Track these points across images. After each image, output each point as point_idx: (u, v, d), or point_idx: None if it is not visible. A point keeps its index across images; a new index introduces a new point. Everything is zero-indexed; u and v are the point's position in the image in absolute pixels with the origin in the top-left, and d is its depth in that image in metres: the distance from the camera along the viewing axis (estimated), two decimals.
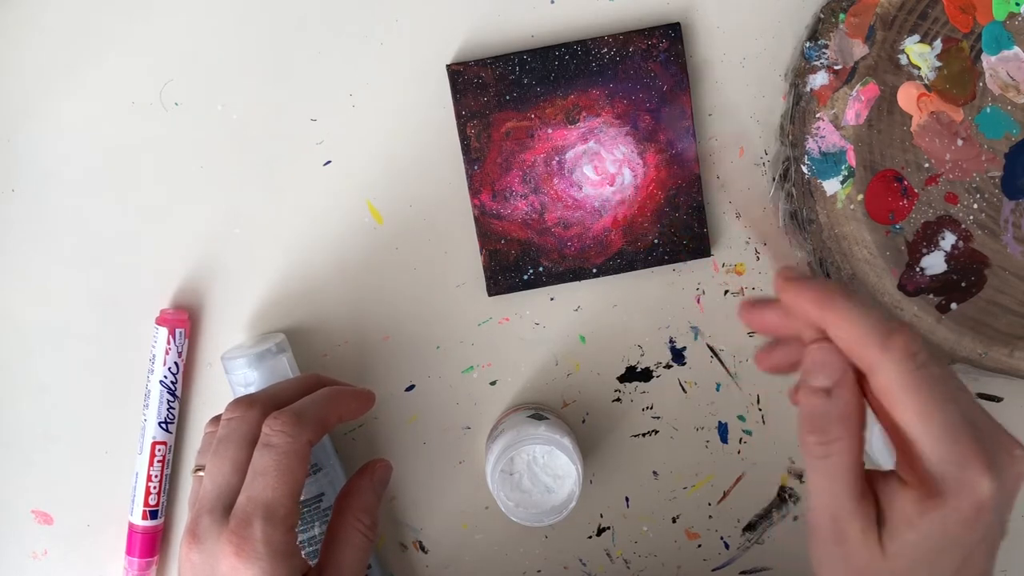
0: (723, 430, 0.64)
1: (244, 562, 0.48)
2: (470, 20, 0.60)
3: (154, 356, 0.61)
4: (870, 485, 0.43)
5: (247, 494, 0.49)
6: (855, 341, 0.42)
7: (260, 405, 0.52)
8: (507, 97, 0.59)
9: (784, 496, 0.65)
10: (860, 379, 0.43)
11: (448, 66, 0.59)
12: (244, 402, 0.52)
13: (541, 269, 0.61)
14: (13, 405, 0.63)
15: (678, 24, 0.59)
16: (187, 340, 0.61)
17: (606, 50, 0.59)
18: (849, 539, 0.42)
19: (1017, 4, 0.58)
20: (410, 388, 0.63)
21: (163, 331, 0.60)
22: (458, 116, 0.59)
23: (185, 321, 0.61)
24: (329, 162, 0.61)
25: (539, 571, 0.65)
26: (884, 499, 0.42)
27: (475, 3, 0.60)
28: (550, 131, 0.59)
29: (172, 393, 0.61)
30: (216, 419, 0.55)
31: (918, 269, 0.60)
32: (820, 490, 0.42)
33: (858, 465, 0.42)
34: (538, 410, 0.62)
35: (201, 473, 0.53)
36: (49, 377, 0.62)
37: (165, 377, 0.61)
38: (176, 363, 0.61)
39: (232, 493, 0.50)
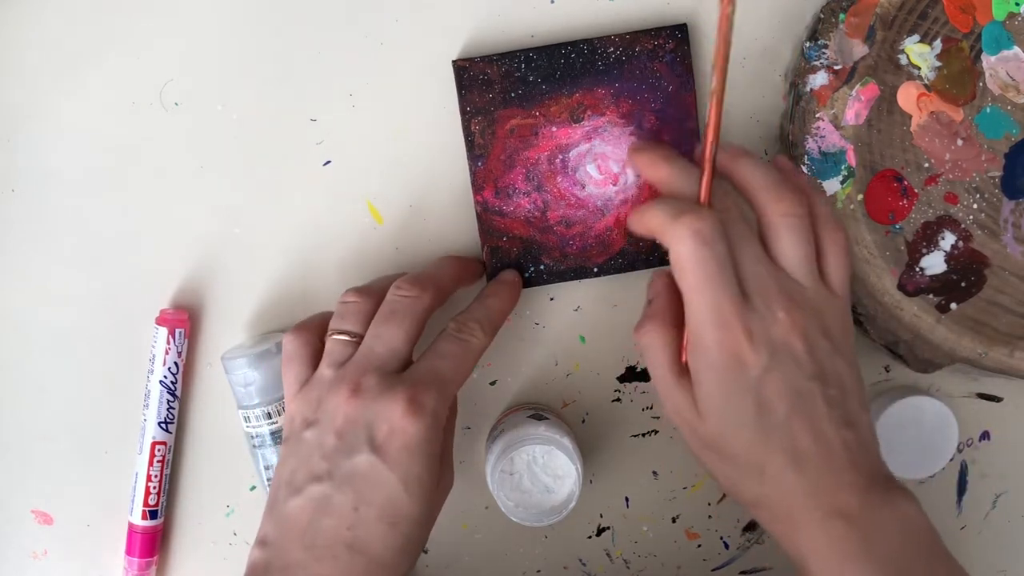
0: None
1: (413, 415, 0.51)
2: (470, 20, 0.60)
3: (154, 356, 0.61)
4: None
5: (430, 365, 0.54)
6: (656, 222, 0.51)
7: (431, 289, 0.56)
8: (512, 94, 0.59)
9: None
10: None
11: (454, 62, 0.59)
12: (417, 284, 0.56)
13: (543, 267, 0.61)
14: (13, 405, 0.63)
15: (685, 25, 0.59)
16: (187, 340, 0.61)
17: (612, 49, 0.59)
18: (677, 406, 0.52)
19: (1017, 4, 0.58)
20: None
21: (163, 331, 0.60)
22: (463, 112, 0.59)
23: (185, 321, 0.61)
24: (329, 162, 0.61)
25: (539, 571, 0.65)
26: (692, 375, 0.51)
27: (475, 3, 0.60)
28: (554, 129, 0.60)
29: (172, 393, 0.61)
30: (358, 290, 0.56)
31: (918, 269, 0.60)
32: (650, 369, 0.53)
33: (671, 352, 0.52)
34: (538, 410, 0.62)
35: (341, 337, 0.55)
36: (49, 377, 0.62)
37: (165, 377, 0.61)
38: (176, 363, 0.61)
39: (400, 360, 0.54)
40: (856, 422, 0.51)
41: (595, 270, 0.61)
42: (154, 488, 0.61)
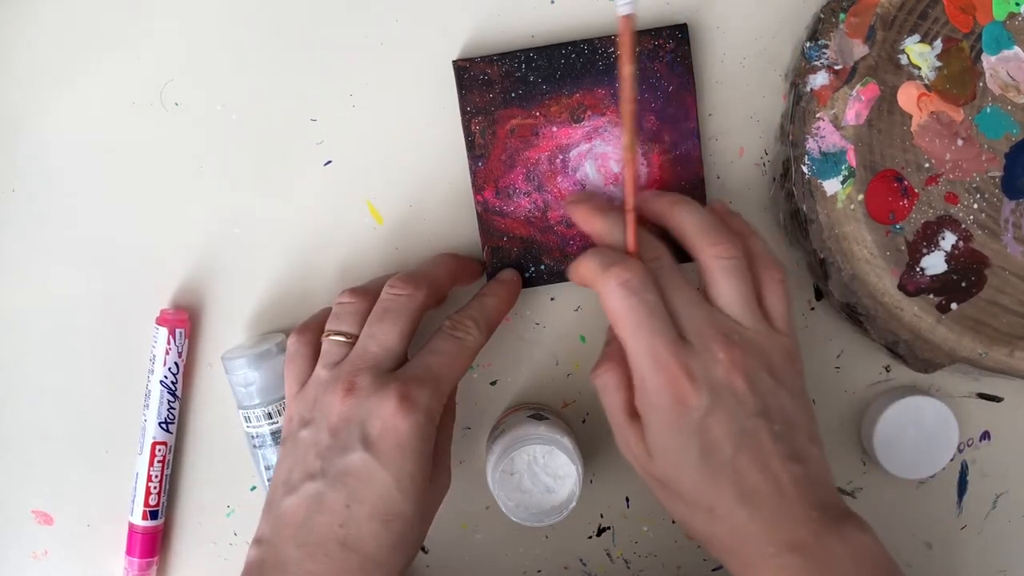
0: None
1: (405, 412, 0.52)
2: (470, 20, 0.60)
3: (154, 356, 0.61)
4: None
5: (424, 363, 0.54)
6: (589, 274, 0.53)
7: (425, 287, 0.56)
8: (512, 94, 0.59)
9: None
10: None
11: (454, 62, 0.59)
12: (411, 282, 0.56)
13: (543, 267, 0.61)
14: (13, 405, 0.63)
15: (685, 25, 0.59)
16: (187, 340, 0.61)
17: (612, 49, 0.59)
18: (630, 446, 0.53)
19: (1017, 4, 0.58)
20: None
21: (163, 331, 0.60)
22: (463, 112, 0.59)
23: (185, 321, 0.61)
24: (329, 162, 0.61)
25: (539, 571, 0.65)
26: (641, 417, 0.52)
27: (475, 3, 0.60)
28: (555, 129, 0.60)
29: (172, 393, 0.61)
30: (354, 291, 0.57)
31: (918, 269, 0.60)
32: (606, 407, 0.54)
33: (624, 392, 0.52)
34: (538, 410, 0.61)
35: (337, 337, 0.55)
36: (49, 377, 0.62)
37: (165, 377, 0.61)
38: (176, 363, 0.61)
39: (394, 359, 0.54)
40: (805, 456, 0.51)
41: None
42: (154, 488, 0.61)
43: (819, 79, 0.59)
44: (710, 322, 0.51)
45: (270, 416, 0.60)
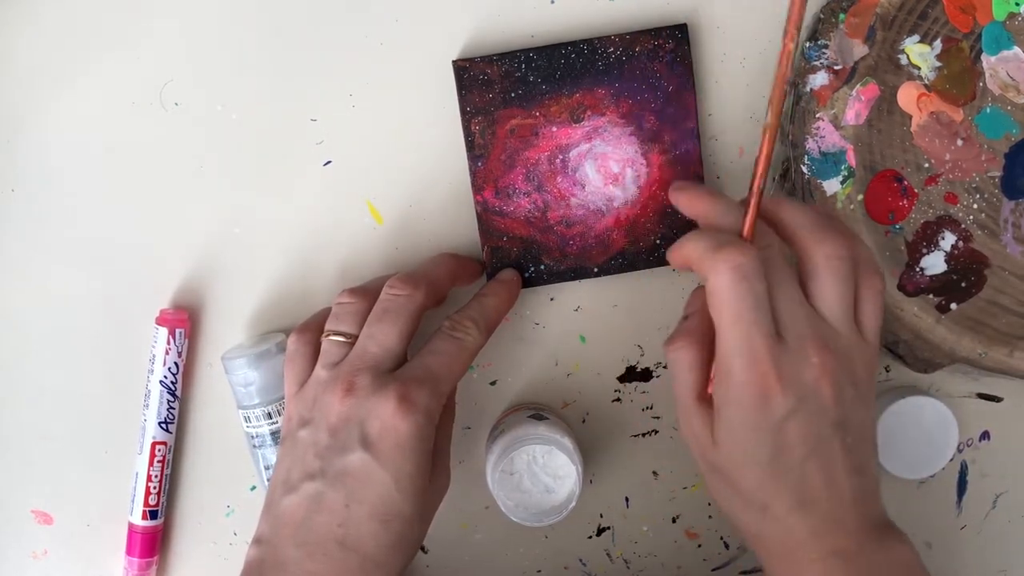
0: None
1: (404, 413, 0.52)
2: (469, 20, 0.60)
3: (154, 356, 0.61)
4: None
5: (423, 363, 0.54)
6: (696, 253, 0.50)
7: (424, 287, 0.56)
8: (512, 94, 0.59)
9: None
10: None
11: (454, 62, 0.59)
12: (410, 282, 0.56)
13: (543, 267, 0.61)
14: (13, 405, 0.63)
15: (685, 25, 0.59)
16: (187, 340, 0.61)
17: (612, 49, 0.59)
18: (694, 430, 0.52)
19: (1017, 4, 0.58)
20: None
21: (163, 331, 0.60)
22: (463, 112, 0.59)
23: (185, 321, 0.61)
24: (329, 162, 0.61)
25: (539, 571, 0.65)
26: (715, 404, 0.51)
27: (475, 3, 0.60)
28: (554, 129, 0.60)
29: (172, 393, 0.61)
30: (353, 291, 0.57)
31: (918, 269, 0.60)
32: (674, 385, 0.53)
33: (698, 373, 0.52)
34: (538, 410, 0.62)
35: (337, 338, 0.55)
36: (49, 377, 0.62)
37: (165, 377, 0.61)
38: (176, 363, 0.61)
39: (393, 359, 0.54)
40: (867, 469, 0.51)
41: (595, 270, 0.61)
42: (154, 488, 0.61)
43: (819, 79, 0.59)
44: (809, 323, 0.50)
45: (270, 416, 0.60)
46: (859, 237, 0.54)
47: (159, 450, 0.61)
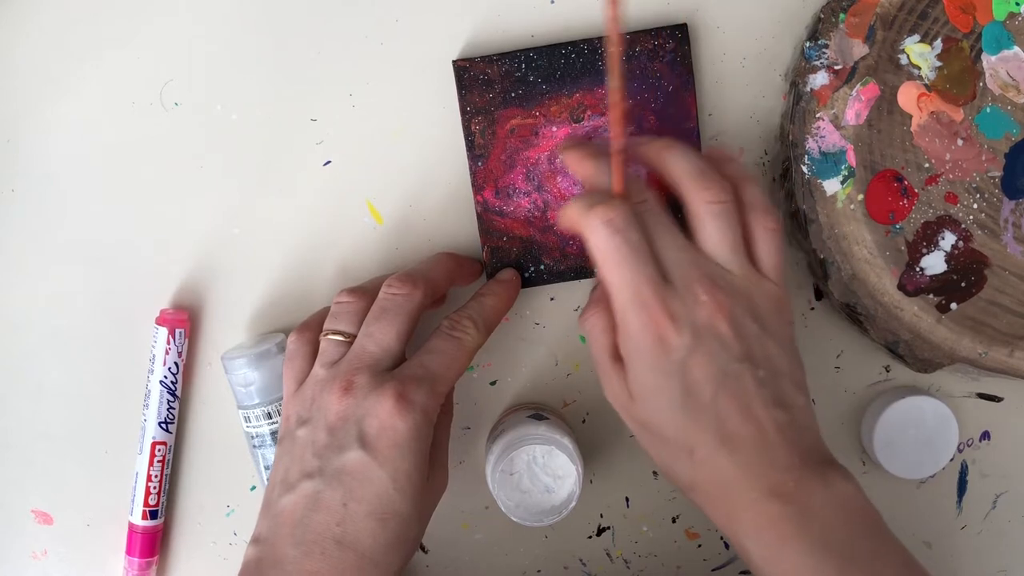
0: None
1: (402, 412, 0.52)
2: (470, 20, 0.60)
3: (154, 356, 0.61)
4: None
5: (420, 362, 0.54)
6: (574, 216, 0.51)
7: (423, 286, 0.56)
8: (512, 94, 0.59)
9: None
10: None
11: (454, 62, 0.59)
12: (408, 281, 0.56)
13: (542, 267, 0.61)
14: (13, 405, 0.63)
15: (685, 25, 0.59)
16: (187, 340, 0.61)
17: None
18: (614, 390, 0.53)
19: (1017, 4, 0.58)
20: None
21: (163, 331, 0.60)
22: (463, 112, 0.59)
23: (185, 321, 0.61)
24: (329, 162, 0.61)
25: (539, 571, 0.65)
26: (623, 360, 0.51)
27: (475, 3, 0.60)
28: (555, 129, 0.60)
29: (172, 393, 0.61)
30: (352, 291, 0.57)
31: (918, 269, 0.60)
32: (592, 352, 0.54)
33: (610, 335, 0.52)
34: (538, 410, 0.61)
35: (335, 337, 0.56)
36: (49, 377, 0.62)
37: (165, 377, 0.61)
38: (176, 363, 0.61)
39: (391, 359, 0.54)
40: (790, 403, 0.50)
41: (595, 270, 0.61)
42: (154, 488, 0.61)
43: (819, 79, 0.59)
44: (694, 264, 0.51)
45: (270, 416, 0.60)
46: (750, 178, 0.54)
47: (159, 450, 0.61)
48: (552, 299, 0.63)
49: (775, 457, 0.49)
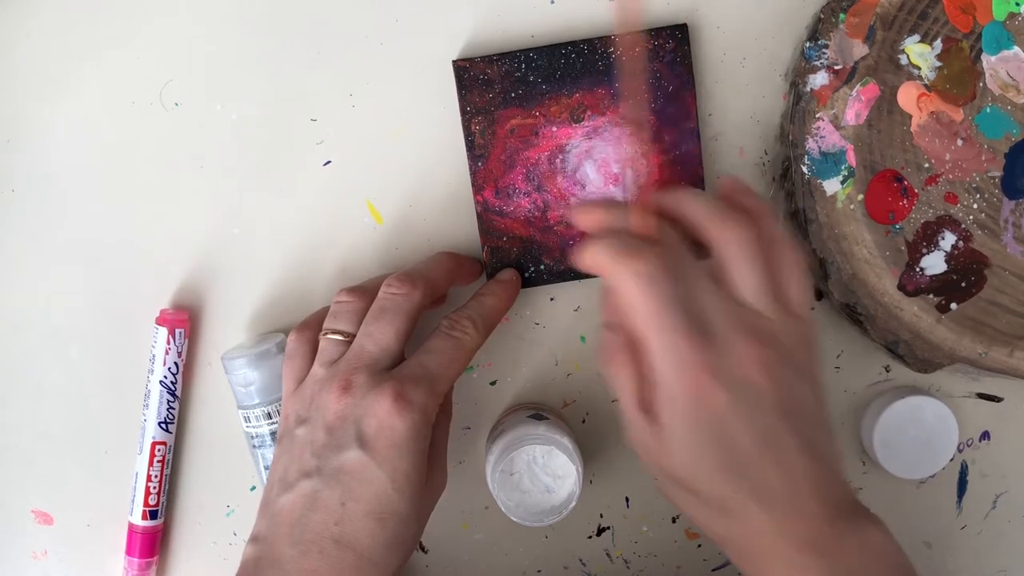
0: None
1: (400, 411, 0.52)
2: (470, 20, 0.60)
3: (154, 356, 0.61)
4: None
5: (419, 361, 0.54)
6: (599, 263, 0.50)
7: (422, 286, 0.56)
8: (512, 94, 0.59)
9: None
10: None
11: (454, 62, 0.59)
12: (407, 281, 0.56)
13: (542, 267, 0.61)
14: (13, 405, 0.63)
15: (685, 25, 0.59)
16: (187, 340, 0.61)
17: (612, 49, 0.59)
18: (643, 442, 0.51)
19: (1017, 4, 0.58)
20: None
21: (163, 331, 0.60)
22: (463, 112, 0.59)
23: (185, 321, 0.61)
24: (329, 162, 0.61)
25: (539, 571, 0.65)
26: (656, 412, 0.50)
27: (475, 3, 0.60)
28: (554, 129, 0.60)
29: (172, 393, 0.61)
30: (351, 290, 0.57)
31: (918, 269, 0.60)
32: (620, 400, 0.51)
33: (637, 384, 0.50)
34: (538, 410, 0.61)
35: (334, 336, 0.56)
36: (49, 377, 0.62)
37: (165, 377, 0.61)
38: (176, 363, 0.61)
39: (390, 358, 0.54)
40: (823, 453, 0.50)
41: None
42: (154, 488, 0.61)
43: (819, 79, 0.59)
44: (731, 314, 0.49)
45: (269, 416, 0.60)
46: (767, 211, 0.52)
47: (159, 450, 0.61)
48: (552, 299, 0.63)
49: (809, 510, 0.48)
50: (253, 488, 0.64)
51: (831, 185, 0.59)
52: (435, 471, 0.55)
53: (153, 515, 0.62)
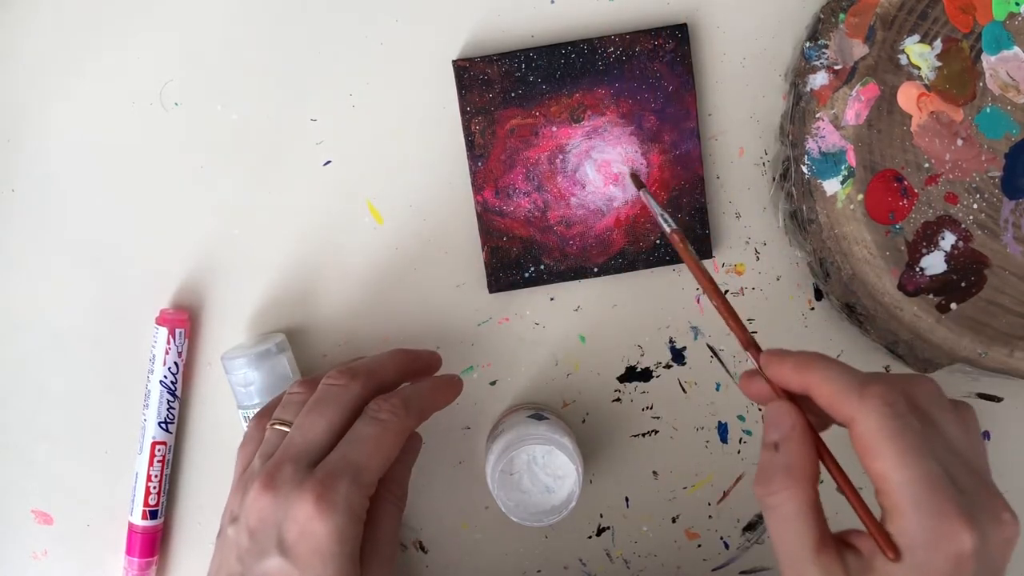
0: (723, 430, 0.64)
1: (322, 514, 0.49)
2: (470, 20, 0.60)
3: (154, 356, 0.61)
4: (845, 539, 0.44)
5: (342, 453, 0.51)
6: (833, 396, 0.44)
7: (362, 379, 0.54)
8: (512, 94, 0.59)
9: None
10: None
11: (454, 62, 0.59)
12: (347, 373, 0.54)
13: (542, 267, 0.61)
14: (13, 405, 0.63)
15: (685, 25, 0.59)
16: (187, 340, 0.61)
17: (612, 49, 0.59)
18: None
19: (1017, 4, 0.58)
20: None
21: (163, 331, 0.60)
22: (463, 112, 0.59)
23: (185, 321, 0.61)
24: (329, 162, 0.61)
25: (539, 571, 0.65)
26: (860, 551, 0.43)
27: (475, 3, 0.60)
28: (554, 129, 0.60)
29: (172, 393, 0.61)
30: (304, 382, 0.55)
31: (918, 269, 0.60)
32: (776, 537, 0.44)
33: (810, 514, 0.44)
34: (538, 410, 0.61)
35: (280, 427, 0.54)
36: (49, 377, 0.62)
37: (165, 377, 0.61)
38: (176, 363, 0.61)
39: (319, 451, 0.51)
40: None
41: (595, 270, 0.61)
42: (154, 488, 0.61)
43: (819, 79, 0.59)
44: (976, 474, 0.44)
45: None
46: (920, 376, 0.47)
47: (159, 450, 0.61)
48: (552, 299, 0.63)
49: None
50: None
51: (831, 185, 0.59)
52: (381, 549, 0.53)
53: (153, 515, 0.62)
